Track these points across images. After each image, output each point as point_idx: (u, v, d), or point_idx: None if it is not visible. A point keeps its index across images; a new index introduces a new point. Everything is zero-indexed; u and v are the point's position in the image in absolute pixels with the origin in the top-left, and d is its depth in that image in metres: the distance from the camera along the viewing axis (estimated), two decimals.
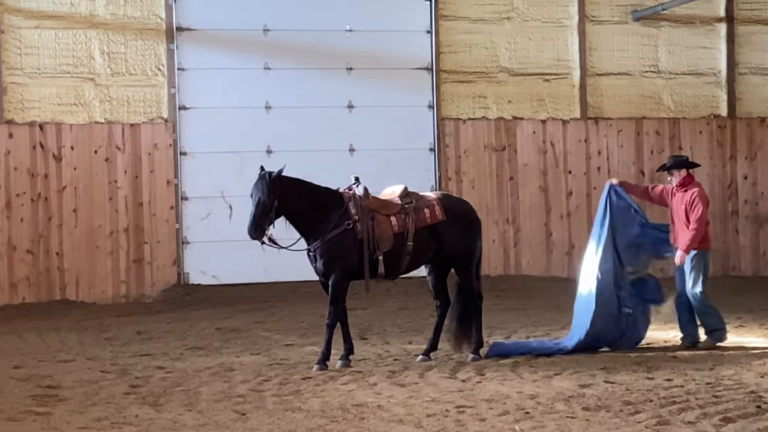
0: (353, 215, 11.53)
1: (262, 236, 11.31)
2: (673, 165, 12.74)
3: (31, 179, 17.94)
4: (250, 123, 18.85)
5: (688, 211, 12.37)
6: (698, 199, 12.33)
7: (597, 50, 20.41)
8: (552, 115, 20.21)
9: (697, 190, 12.45)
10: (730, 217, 20.99)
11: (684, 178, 12.60)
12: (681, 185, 12.56)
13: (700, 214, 12.27)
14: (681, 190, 12.55)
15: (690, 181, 12.59)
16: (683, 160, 12.93)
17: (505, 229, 19.64)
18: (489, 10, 19.96)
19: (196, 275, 18.62)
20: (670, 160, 12.97)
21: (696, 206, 12.28)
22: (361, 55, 19.35)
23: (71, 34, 18.24)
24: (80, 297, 18.00)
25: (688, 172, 12.67)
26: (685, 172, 12.63)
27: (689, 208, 12.36)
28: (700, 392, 9.65)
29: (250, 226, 11.29)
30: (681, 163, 12.80)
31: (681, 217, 12.46)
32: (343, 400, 9.65)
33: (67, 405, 9.70)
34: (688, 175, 12.66)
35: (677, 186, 12.59)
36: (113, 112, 18.36)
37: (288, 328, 14.94)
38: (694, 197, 12.36)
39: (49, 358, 12.51)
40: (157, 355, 12.60)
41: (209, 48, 18.83)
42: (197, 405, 9.61)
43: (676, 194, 12.59)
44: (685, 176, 12.61)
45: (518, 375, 10.77)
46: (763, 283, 19.69)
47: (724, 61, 21.00)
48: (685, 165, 12.77)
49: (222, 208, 18.40)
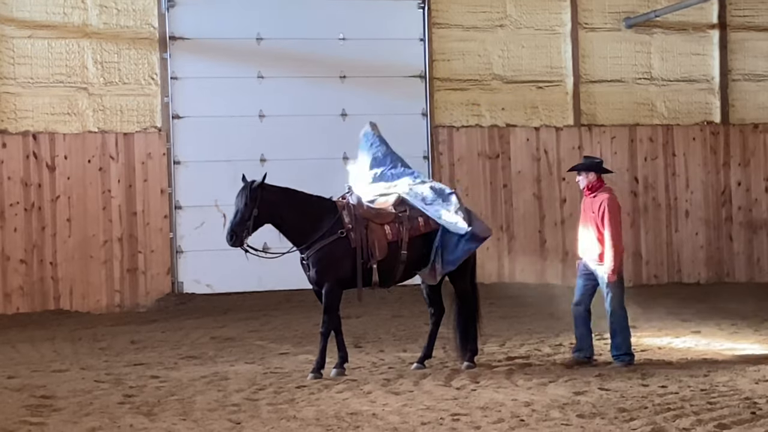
0: (347, 224, 11.54)
1: (239, 244, 11.34)
2: (582, 166, 12.04)
3: (25, 189, 17.92)
4: (244, 132, 18.85)
5: (597, 221, 11.65)
6: (608, 210, 11.57)
7: (590, 57, 20.44)
8: (545, 123, 20.23)
9: (606, 197, 11.69)
10: (724, 224, 21.01)
11: (592, 182, 11.82)
12: (589, 189, 11.84)
13: (615, 228, 11.56)
14: (590, 195, 11.84)
15: (599, 187, 11.84)
16: (593, 163, 12.07)
17: (499, 236, 19.63)
18: (482, 17, 20.00)
19: (190, 284, 18.60)
20: (582, 161, 12.36)
21: (608, 218, 11.54)
22: (355, 64, 19.36)
23: (64, 44, 18.24)
24: (74, 307, 17.98)
25: (598, 176, 11.88)
26: (594, 176, 11.84)
27: (598, 218, 11.63)
28: (695, 399, 9.66)
29: (226, 233, 11.36)
30: (590, 165, 12.00)
31: (588, 224, 11.79)
32: (338, 409, 9.64)
33: (62, 415, 9.69)
34: (599, 179, 11.87)
35: (586, 190, 11.89)
36: (106, 121, 18.35)
37: (282, 336, 14.93)
38: (603, 206, 11.61)
39: (43, 368, 12.48)
40: (151, 365, 12.59)
41: (202, 57, 18.83)
42: (192, 414, 9.60)
43: (585, 199, 11.95)
44: (595, 181, 11.83)
45: (513, 382, 10.78)
46: (757, 290, 19.69)
47: (717, 68, 21.04)
48: (595, 168, 11.95)
49: (216, 217, 18.33)
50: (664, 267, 20.65)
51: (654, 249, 20.59)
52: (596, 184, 11.88)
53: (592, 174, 11.89)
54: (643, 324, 15.21)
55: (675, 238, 20.71)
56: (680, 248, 20.72)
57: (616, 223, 11.65)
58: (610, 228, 11.57)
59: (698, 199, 20.87)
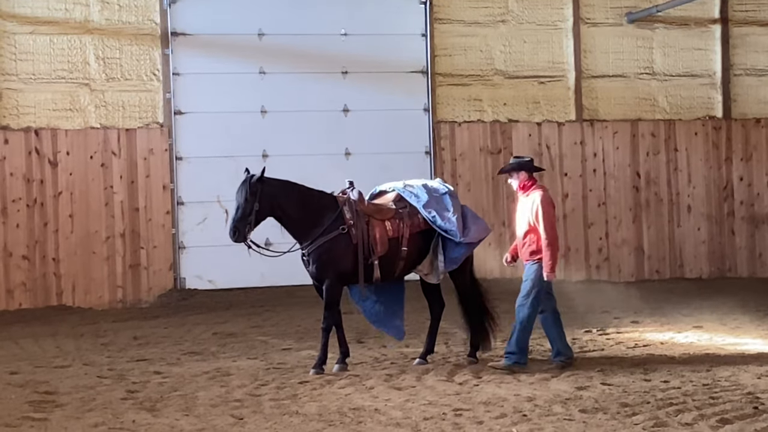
0: (348, 220, 11.53)
1: (242, 239, 11.35)
2: (511, 167, 11.79)
3: (27, 185, 17.92)
4: (246, 127, 18.85)
5: (531, 219, 11.41)
6: (542, 207, 11.34)
7: (592, 52, 20.43)
8: (547, 118, 20.22)
9: (540, 194, 11.45)
10: (726, 219, 21.00)
11: (524, 181, 11.62)
12: (522, 189, 11.62)
13: (550, 225, 11.31)
14: (523, 194, 11.62)
15: (531, 185, 11.61)
16: (523, 162, 11.81)
17: (501, 232, 19.62)
18: (484, 13, 19.99)
19: (192, 280, 18.61)
20: (512, 161, 11.98)
21: (542, 215, 11.30)
22: (357, 59, 19.36)
23: (66, 40, 18.23)
24: (77, 303, 17.99)
25: (529, 175, 11.66)
26: (525, 175, 11.62)
27: (533, 216, 11.38)
28: (697, 394, 9.66)
29: (229, 229, 11.38)
30: (520, 165, 11.75)
31: (523, 225, 11.57)
32: (341, 404, 9.65)
33: (64, 411, 9.70)
34: (530, 178, 11.65)
35: (519, 190, 11.66)
36: (108, 117, 18.35)
37: (284, 332, 14.93)
38: (536, 204, 11.38)
39: (45, 364, 12.49)
40: (153, 360, 12.59)
41: (204, 53, 18.83)
42: (194, 410, 9.61)
43: (519, 200, 11.72)
44: (526, 180, 11.62)
45: (515, 378, 10.78)
46: (759, 284, 19.70)
47: (719, 63, 21.02)
48: (526, 167, 11.73)
49: (218, 212, 18.36)
50: (666, 262, 20.65)
51: (656, 244, 20.58)
52: (528, 183, 11.66)
53: (523, 173, 11.69)
54: (645, 319, 15.23)
55: (677, 233, 20.70)
56: (682, 243, 20.72)
57: (550, 219, 11.43)
58: (545, 225, 11.33)
59: (700, 194, 20.86)
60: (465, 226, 11.83)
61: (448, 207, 11.83)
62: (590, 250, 20.24)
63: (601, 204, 20.34)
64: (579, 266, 20.09)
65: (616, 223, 20.39)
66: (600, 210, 20.32)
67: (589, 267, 20.20)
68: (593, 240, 20.25)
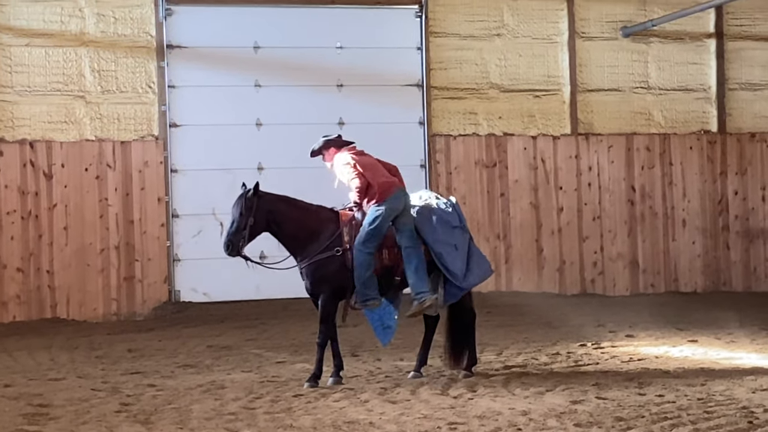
0: (345, 242, 11.50)
1: (236, 254, 11.36)
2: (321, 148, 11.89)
3: (22, 197, 17.91)
4: (241, 140, 18.85)
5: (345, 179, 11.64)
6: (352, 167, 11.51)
7: (587, 66, 20.46)
8: (542, 131, 20.25)
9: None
10: (721, 233, 21.01)
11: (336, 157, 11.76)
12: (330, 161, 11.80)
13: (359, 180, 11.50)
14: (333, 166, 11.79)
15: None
16: (331, 140, 11.94)
17: (496, 245, 19.64)
18: (479, 26, 20.02)
19: (187, 293, 18.60)
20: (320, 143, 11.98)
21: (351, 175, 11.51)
22: (352, 72, 19.38)
23: (61, 52, 18.25)
24: (71, 315, 17.96)
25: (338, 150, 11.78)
26: (334, 150, 11.79)
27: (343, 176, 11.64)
28: (692, 408, 9.65)
29: (223, 243, 11.41)
30: (328, 143, 11.88)
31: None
32: (335, 418, 9.63)
33: (58, 423, 9.67)
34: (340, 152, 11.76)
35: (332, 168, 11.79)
36: (104, 129, 18.36)
37: (279, 345, 14.92)
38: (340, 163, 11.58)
39: (39, 377, 12.47)
40: (148, 373, 12.57)
41: (200, 65, 18.84)
42: (188, 423, 9.58)
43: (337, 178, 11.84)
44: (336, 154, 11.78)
45: (510, 391, 10.77)
46: (754, 299, 19.71)
47: (714, 77, 21.07)
48: (334, 144, 11.86)
49: (213, 225, 18.36)
50: (661, 276, 20.65)
51: (651, 258, 20.59)
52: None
53: (332, 149, 11.84)
54: (640, 333, 15.23)
55: (672, 246, 20.71)
56: (677, 257, 20.72)
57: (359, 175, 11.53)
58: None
59: (695, 208, 20.87)
60: (468, 268, 11.76)
61: (458, 245, 11.75)
62: (585, 263, 20.24)
63: (596, 218, 20.35)
64: (574, 280, 20.11)
65: (611, 236, 20.39)
66: (595, 224, 20.33)
67: (584, 281, 20.20)
68: (588, 254, 20.25)
